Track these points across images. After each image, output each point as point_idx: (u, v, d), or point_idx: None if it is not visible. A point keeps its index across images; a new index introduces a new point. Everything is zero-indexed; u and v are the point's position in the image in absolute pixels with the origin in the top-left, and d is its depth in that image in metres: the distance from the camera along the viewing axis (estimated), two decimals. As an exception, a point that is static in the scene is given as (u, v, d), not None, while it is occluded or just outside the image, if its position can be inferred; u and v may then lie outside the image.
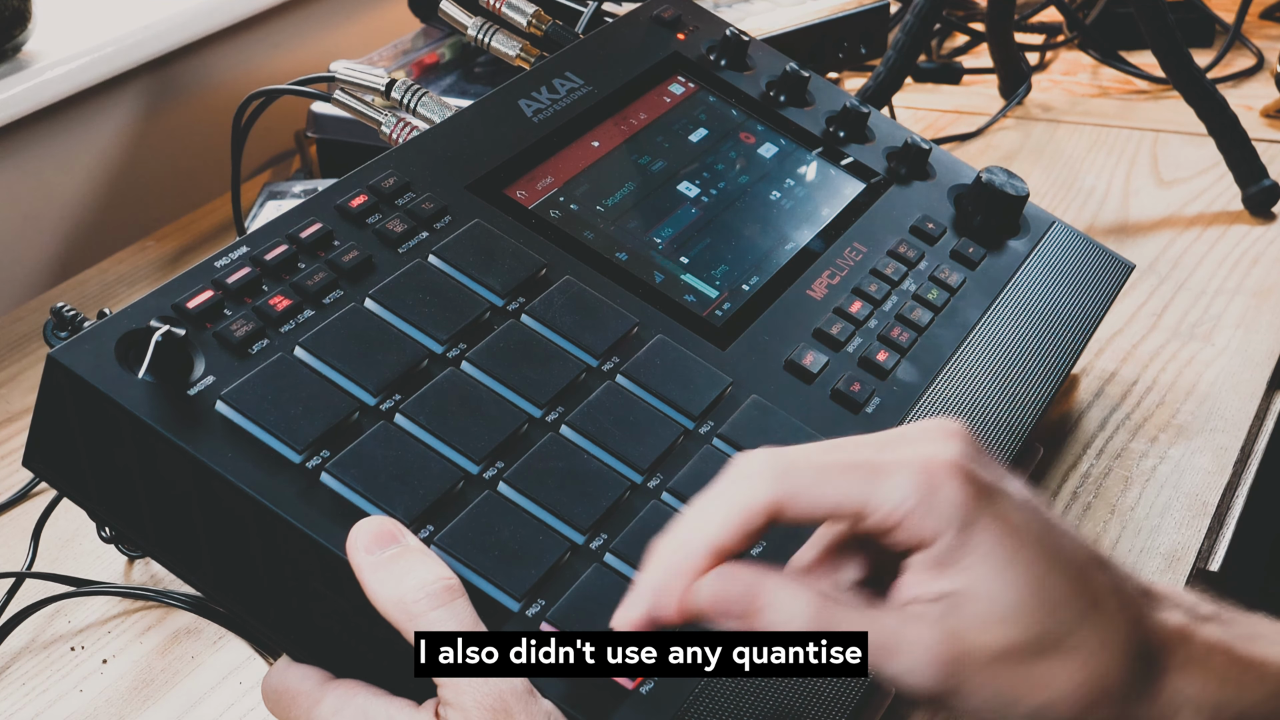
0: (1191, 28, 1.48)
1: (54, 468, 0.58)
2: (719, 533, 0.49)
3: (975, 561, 0.48)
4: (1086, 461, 0.85)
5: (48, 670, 0.74)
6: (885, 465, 0.49)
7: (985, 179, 0.84)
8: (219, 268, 0.62)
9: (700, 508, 0.50)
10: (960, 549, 0.48)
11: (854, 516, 0.49)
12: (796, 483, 0.48)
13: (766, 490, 0.48)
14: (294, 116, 1.24)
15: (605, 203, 0.75)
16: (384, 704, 0.54)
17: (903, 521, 0.48)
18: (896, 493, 0.48)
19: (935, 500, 0.48)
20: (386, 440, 0.57)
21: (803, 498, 0.48)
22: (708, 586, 0.49)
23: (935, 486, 0.48)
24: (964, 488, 0.48)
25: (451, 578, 0.53)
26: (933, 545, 0.48)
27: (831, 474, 0.49)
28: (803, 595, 0.48)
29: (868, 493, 0.48)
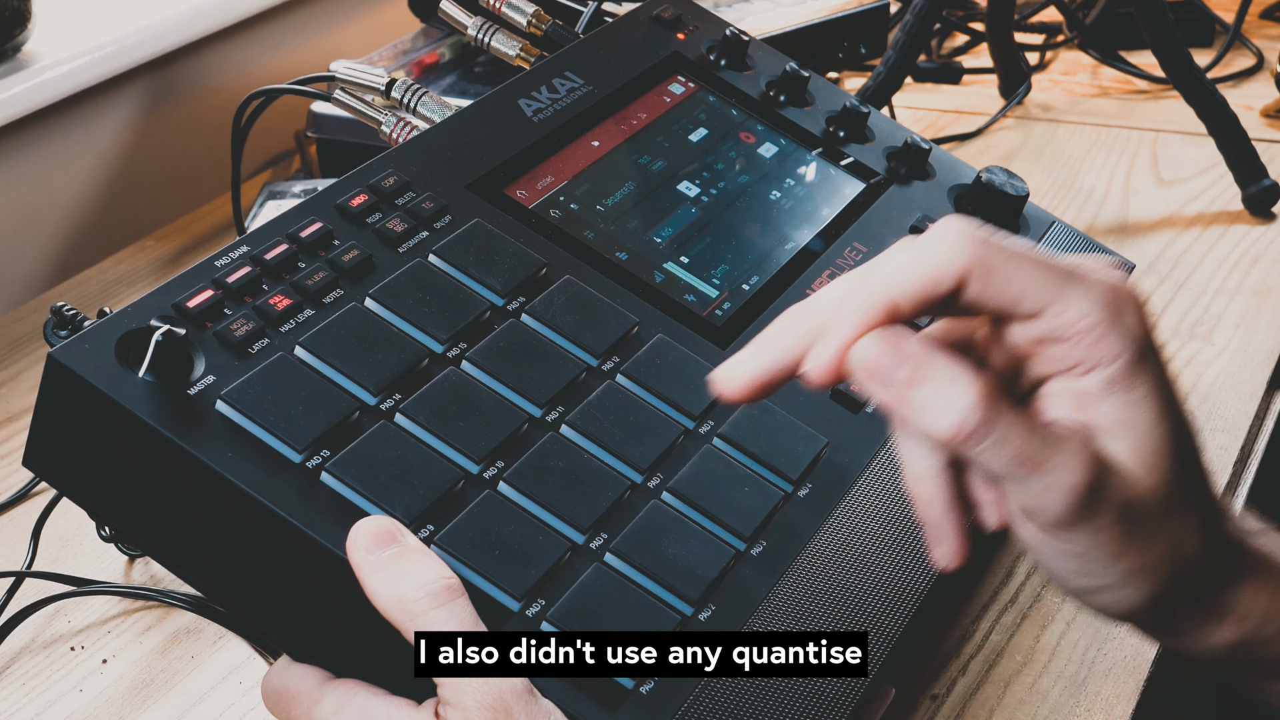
0: (1191, 28, 1.48)
1: (54, 467, 0.58)
2: (901, 286, 0.45)
3: (1135, 400, 0.46)
4: (1086, 461, 0.85)
5: (48, 670, 0.74)
6: (1079, 273, 0.46)
7: (985, 179, 0.84)
8: (219, 267, 0.62)
9: (886, 260, 0.46)
10: (1126, 380, 0.46)
11: (1032, 313, 0.46)
12: (995, 257, 0.45)
13: (965, 254, 0.45)
14: (294, 116, 1.24)
15: (605, 202, 0.75)
16: (384, 704, 0.54)
17: (1082, 334, 0.46)
18: (1085, 301, 0.46)
19: (1119, 323, 0.46)
20: (387, 440, 0.57)
21: (995, 274, 0.45)
22: (871, 344, 0.45)
23: (1122, 310, 0.46)
24: (1144, 322, 0.47)
25: (451, 577, 0.53)
26: (1097, 369, 0.46)
27: (1027, 262, 0.46)
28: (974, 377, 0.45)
29: (1058, 292, 0.46)
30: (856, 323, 0.45)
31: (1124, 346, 0.46)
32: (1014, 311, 0.46)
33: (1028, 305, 0.46)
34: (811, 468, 0.65)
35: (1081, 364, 0.46)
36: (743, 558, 0.60)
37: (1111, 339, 0.46)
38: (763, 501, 0.62)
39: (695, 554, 0.58)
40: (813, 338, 0.47)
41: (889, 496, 0.66)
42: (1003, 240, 0.46)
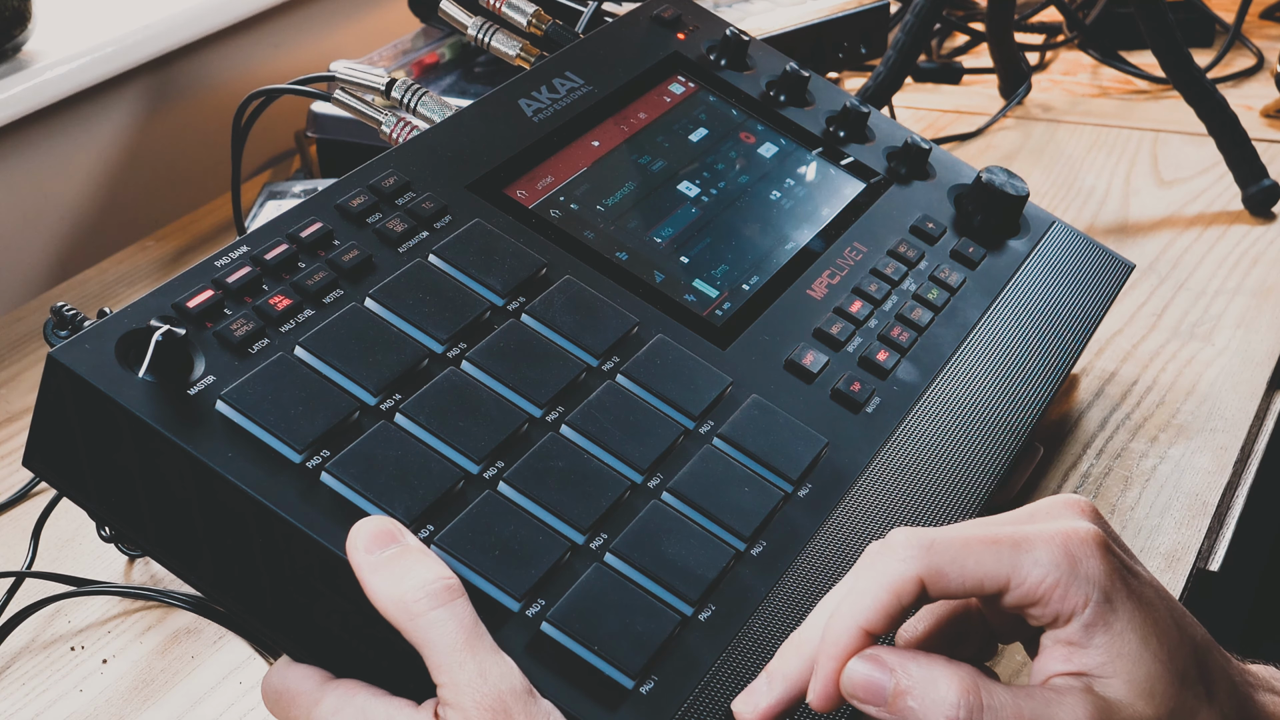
0: (1191, 28, 1.48)
1: (54, 467, 0.58)
2: (868, 613, 0.49)
3: (1115, 637, 0.48)
4: (1086, 461, 0.85)
5: (48, 670, 0.74)
6: (1028, 538, 0.49)
7: (985, 179, 0.84)
8: (219, 267, 0.62)
9: (847, 589, 0.50)
10: (1101, 623, 0.48)
11: (998, 591, 0.49)
12: (943, 559, 0.49)
13: (915, 567, 0.49)
14: (294, 116, 1.24)
15: (605, 202, 0.75)
16: (384, 704, 0.54)
17: (1047, 594, 0.48)
18: (1041, 565, 0.48)
19: (1078, 573, 0.48)
20: (386, 440, 0.57)
21: (950, 572, 0.49)
22: (857, 670, 0.49)
23: (1077, 560, 0.48)
24: (1105, 560, 0.49)
25: (451, 577, 0.53)
26: (1074, 619, 0.48)
27: (975, 548, 0.49)
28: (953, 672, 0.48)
29: (1012, 567, 0.48)
30: (838, 655, 0.49)
31: (1089, 592, 0.48)
32: (980, 594, 0.49)
33: (989, 586, 0.49)
34: (811, 468, 0.65)
35: (1059, 617, 0.49)
36: (743, 558, 0.60)
37: (1075, 589, 0.48)
38: (763, 501, 0.62)
39: (695, 554, 0.58)
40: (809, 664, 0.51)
41: (889, 496, 0.66)
42: (948, 537, 0.49)
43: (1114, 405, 0.91)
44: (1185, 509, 0.81)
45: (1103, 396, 0.92)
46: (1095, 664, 0.48)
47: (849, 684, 0.49)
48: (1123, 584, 0.49)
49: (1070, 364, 0.79)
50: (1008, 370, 0.76)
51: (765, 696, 0.51)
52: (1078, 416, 0.89)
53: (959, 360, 0.75)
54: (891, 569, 0.49)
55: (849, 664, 0.49)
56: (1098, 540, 0.49)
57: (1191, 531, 0.79)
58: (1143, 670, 0.48)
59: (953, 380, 0.74)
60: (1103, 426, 0.88)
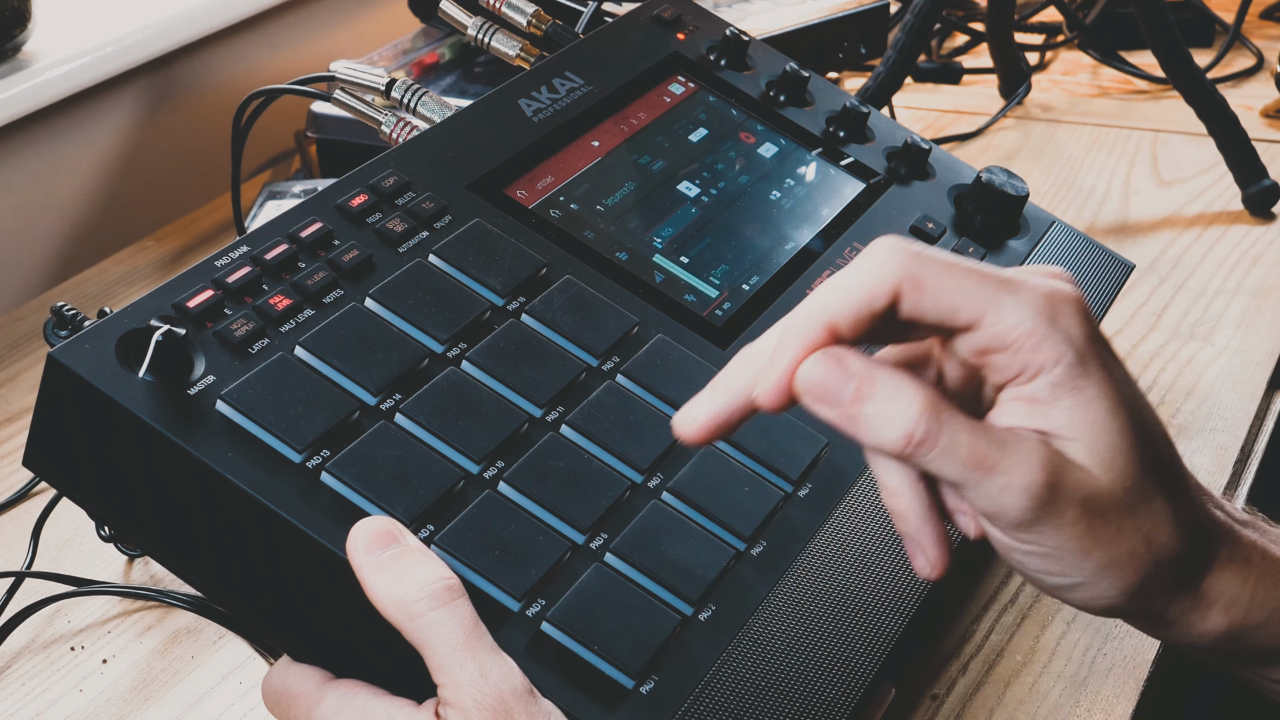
0: (1191, 28, 1.48)
1: (54, 467, 0.58)
2: (838, 308, 0.46)
3: (1083, 402, 0.46)
4: (1086, 461, 0.85)
5: (48, 670, 0.74)
6: (1013, 281, 0.47)
7: (985, 179, 0.84)
8: (219, 267, 0.62)
9: (822, 286, 0.47)
10: (1071, 384, 0.46)
11: (968, 324, 0.46)
12: (926, 270, 0.46)
13: (896, 270, 0.46)
14: (294, 116, 1.24)
15: (605, 202, 0.75)
16: (384, 704, 0.54)
17: (1020, 341, 0.46)
18: (1021, 309, 0.46)
19: (1056, 327, 0.46)
20: (387, 440, 0.57)
21: (928, 287, 0.46)
22: (815, 365, 0.46)
23: (1057, 314, 0.47)
24: (1085, 324, 0.47)
25: (452, 577, 0.53)
26: (1040, 375, 0.46)
27: (960, 273, 0.46)
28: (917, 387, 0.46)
29: (992, 301, 0.46)
30: (798, 346, 0.46)
31: (1064, 350, 0.46)
32: (951, 323, 0.47)
33: (963, 316, 0.46)
34: (811, 468, 0.65)
35: (1025, 370, 0.47)
36: (743, 558, 0.60)
37: (1050, 344, 0.46)
38: (763, 501, 0.62)
39: (695, 554, 0.58)
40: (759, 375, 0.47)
41: (889, 496, 0.66)
42: (934, 252, 0.47)
43: (1114, 405, 0.90)
44: (1185, 509, 0.81)
45: (1103, 396, 0.91)
46: (1057, 425, 0.47)
47: (805, 379, 0.46)
48: (1097, 352, 0.47)
49: (1070, 364, 0.79)
50: (1008, 370, 0.76)
51: (707, 405, 0.48)
52: (1078, 416, 0.89)
53: (959, 360, 0.75)
54: (871, 266, 0.46)
55: (810, 359, 0.46)
56: (1080, 302, 0.47)
57: (1191, 531, 0.79)
58: (1106, 440, 0.47)
59: (953, 380, 0.74)
60: (1103, 426, 0.88)
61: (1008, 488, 0.46)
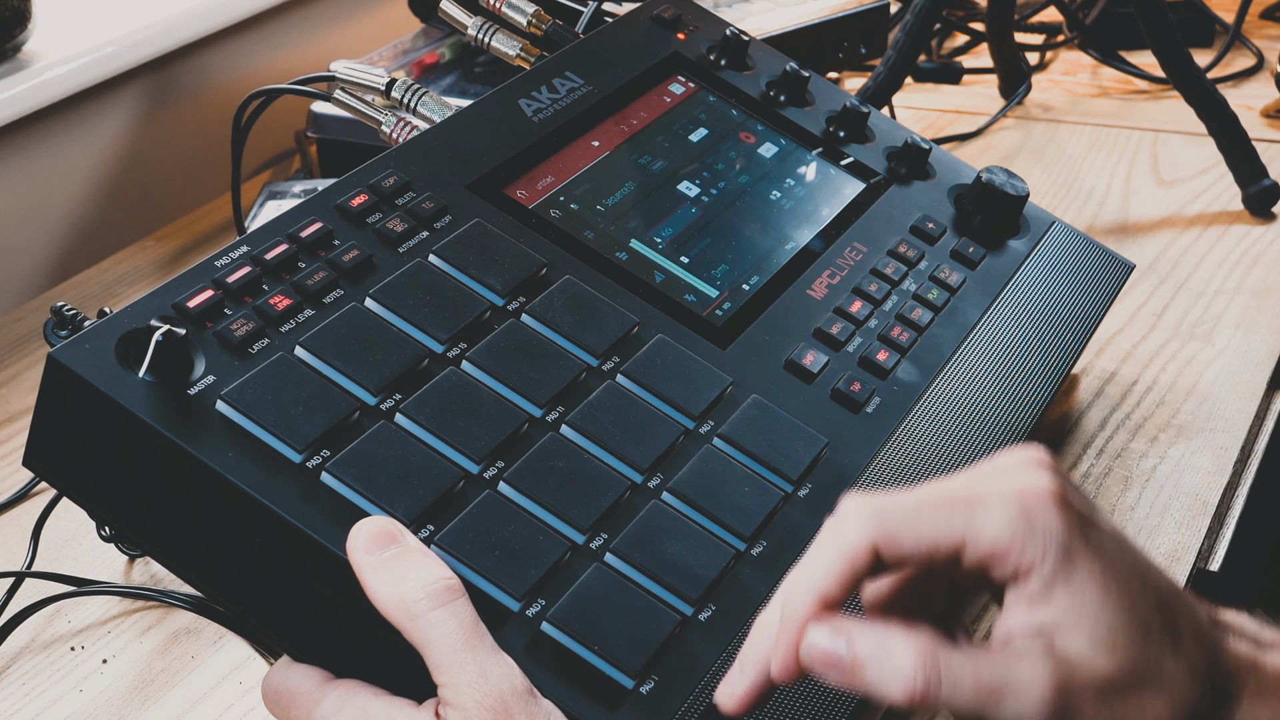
0: (1191, 28, 1.48)
1: (54, 467, 0.58)
2: (823, 582, 0.49)
3: (1075, 590, 0.48)
4: (1086, 461, 0.85)
5: (48, 670, 0.74)
6: (981, 497, 0.49)
7: (985, 179, 0.84)
8: (219, 267, 0.62)
9: (802, 564, 0.50)
10: (1061, 577, 0.48)
11: (953, 552, 0.48)
12: (895, 523, 0.48)
13: (867, 534, 0.48)
14: (294, 116, 1.24)
15: (605, 202, 0.75)
16: (384, 704, 0.54)
17: (1004, 552, 0.48)
18: (995, 523, 0.48)
19: (1034, 529, 0.48)
20: (387, 440, 0.57)
21: (903, 536, 0.48)
22: (814, 641, 0.49)
23: (1033, 515, 0.48)
24: (1062, 515, 0.48)
25: (452, 577, 0.53)
26: (1033, 575, 0.48)
27: (927, 511, 0.49)
28: (909, 641, 0.48)
29: (966, 525, 0.48)
30: (796, 626, 0.49)
31: (1046, 547, 0.48)
32: (937, 557, 0.49)
33: (944, 548, 0.48)
34: (811, 468, 0.65)
35: (1018, 572, 0.48)
36: (743, 558, 0.60)
37: (1031, 545, 0.48)
38: (763, 501, 0.62)
39: (695, 554, 0.58)
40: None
41: (889, 496, 0.66)
42: (899, 501, 0.49)
43: (1114, 405, 0.91)
44: (1185, 509, 0.81)
45: (1103, 396, 0.92)
46: (1055, 618, 0.48)
47: (807, 655, 0.49)
48: (1080, 537, 0.48)
49: (1070, 364, 0.79)
50: (1008, 370, 0.76)
51: (740, 683, 0.51)
52: (1078, 416, 0.89)
53: (959, 360, 0.75)
54: (844, 537, 0.49)
55: (807, 634, 0.49)
56: (1053, 494, 0.48)
57: (1191, 531, 0.79)
58: (1104, 622, 0.48)
59: (953, 380, 0.74)
60: (1103, 426, 0.88)
61: (1023, 707, 0.47)
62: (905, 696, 0.47)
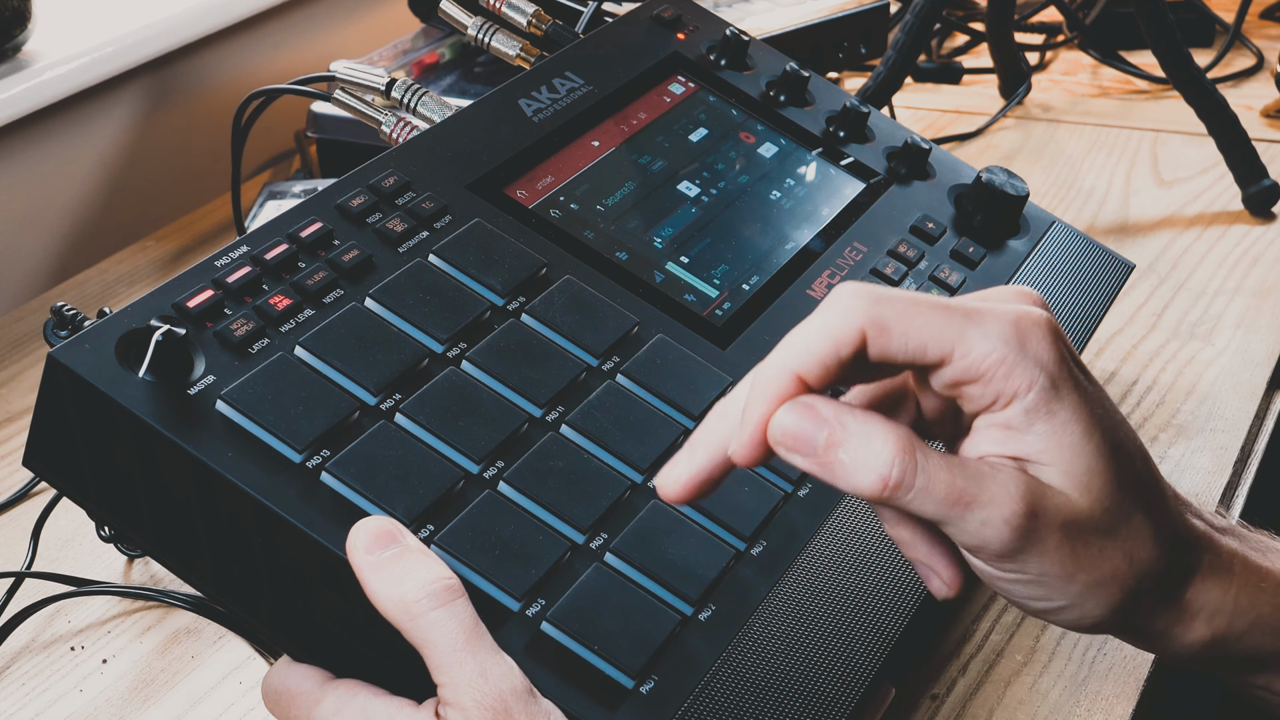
0: (1191, 28, 1.48)
1: (54, 467, 0.58)
2: (804, 358, 0.46)
3: (1057, 426, 0.46)
4: (1087, 461, 0.85)
5: (48, 670, 0.74)
6: (980, 311, 0.47)
7: (985, 179, 0.84)
8: (219, 267, 0.62)
9: (785, 340, 0.47)
10: (1044, 409, 0.46)
11: (939, 360, 0.46)
12: (889, 312, 0.46)
13: (859, 316, 0.46)
14: (294, 116, 1.24)
15: (605, 202, 0.75)
16: (384, 704, 0.54)
17: (991, 371, 0.46)
18: (989, 339, 0.46)
19: (1026, 353, 0.46)
20: (387, 440, 0.57)
21: (894, 330, 0.46)
22: (787, 414, 0.46)
23: (1026, 340, 0.46)
24: (1055, 347, 0.47)
25: (452, 577, 0.53)
26: (1014, 402, 0.46)
27: (925, 310, 0.46)
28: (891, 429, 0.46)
29: (959, 335, 0.46)
30: (768, 398, 0.47)
31: (1035, 375, 0.46)
32: (921, 360, 0.47)
33: (933, 353, 0.47)
34: (811, 468, 0.65)
35: (999, 399, 0.47)
36: (743, 558, 0.60)
37: (1021, 370, 0.46)
38: (763, 501, 0.62)
39: (695, 554, 0.58)
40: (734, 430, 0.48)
41: (889, 496, 0.66)
42: (897, 294, 0.47)
43: (1114, 405, 0.90)
44: (1185, 509, 0.81)
45: (1103, 396, 0.91)
46: (1033, 450, 0.47)
47: (778, 430, 0.46)
48: (1069, 374, 0.47)
49: (1070, 364, 0.79)
50: (1008, 370, 0.76)
51: (688, 465, 0.48)
52: (1078, 416, 0.89)
53: (959, 360, 0.75)
54: (834, 315, 0.46)
55: (780, 410, 0.46)
56: (1050, 325, 0.47)
57: (1191, 531, 0.79)
58: (1082, 463, 0.47)
59: (953, 380, 0.74)
60: (1103, 426, 0.88)
61: (988, 521, 0.46)
62: (876, 488, 0.46)
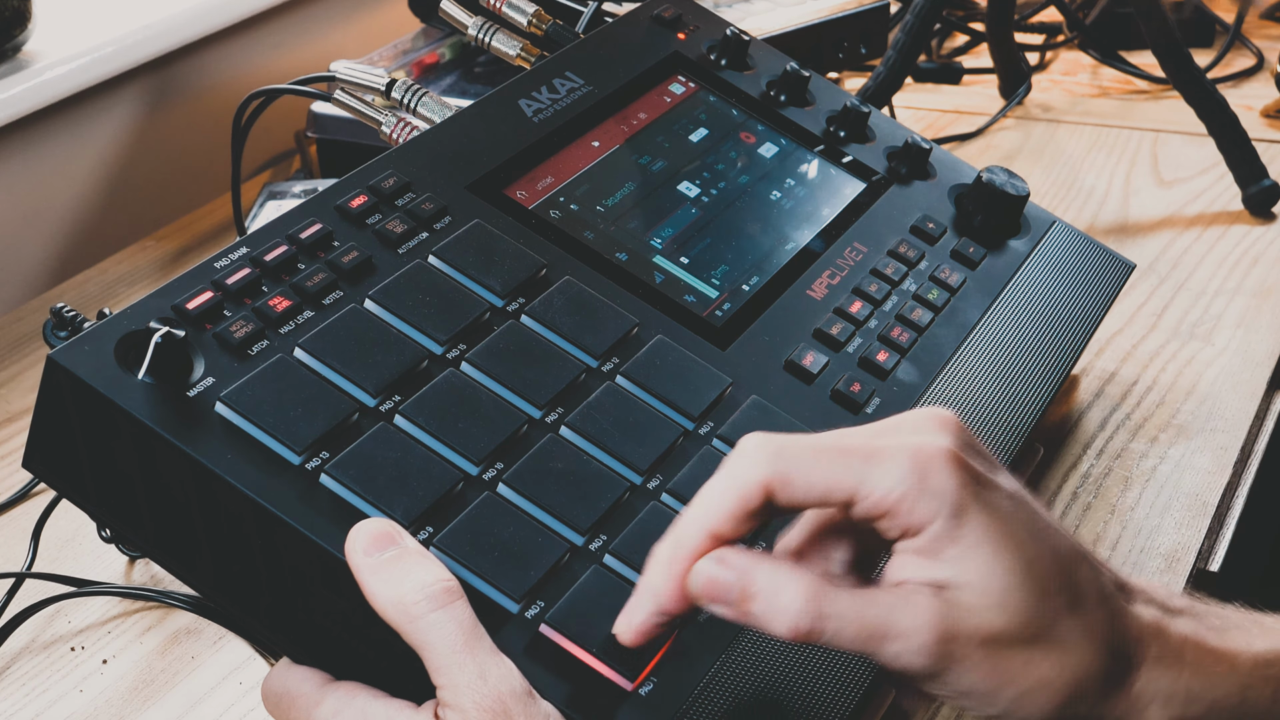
0: (1191, 28, 1.48)
1: (53, 469, 0.58)
2: (715, 516, 0.49)
3: (966, 550, 0.48)
4: (1086, 461, 0.85)
5: (48, 670, 0.74)
6: (879, 451, 0.49)
7: (985, 179, 0.84)
8: (219, 268, 0.62)
9: (697, 497, 0.50)
10: (951, 536, 0.48)
11: (845, 501, 0.49)
12: (790, 465, 0.48)
13: (761, 471, 0.48)
14: (294, 116, 1.24)
15: (605, 203, 0.75)
16: (384, 705, 0.54)
17: (894, 507, 0.48)
18: (889, 478, 0.48)
19: (927, 487, 0.48)
20: (386, 441, 0.57)
21: (796, 480, 0.48)
22: (701, 570, 0.49)
23: (927, 473, 0.48)
24: (955, 475, 0.48)
25: (451, 579, 0.53)
26: (923, 532, 0.48)
27: (824, 457, 0.49)
28: (797, 580, 0.48)
29: (860, 477, 0.48)
30: (685, 557, 0.49)
31: (937, 506, 0.48)
32: (829, 503, 0.49)
33: (836, 496, 0.49)
34: (811, 469, 0.65)
35: (908, 530, 0.49)
36: (742, 559, 0.60)
37: (923, 503, 0.48)
38: (762, 502, 0.62)
39: (695, 555, 0.58)
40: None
41: (889, 497, 0.66)
42: (798, 444, 0.49)
43: (1114, 405, 0.91)
44: (1185, 509, 0.81)
45: (1103, 396, 0.92)
46: (946, 575, 0.48)
47: (695, 584, 0.49)
48: (974, 497, 0.48)
49: (1070, 364, 0.79)
50: (1008, 370, 0.76)
51: (638, 614, 0.51)
52: (1078, 416, 0.89)
53: (959, 361, 0.75)
54: (738, 472, 0.49)
55: (696, 565, 0.49)
56: (948, 455, 0.48)
57: (1191, 531, 0.79)
58: (995, 582, 0.48)
59: (953, 381, 0.74)
60: (1103, 426, 0.88)
61: (903, 651, 0.48)
62: (789, 636, 0.48)
